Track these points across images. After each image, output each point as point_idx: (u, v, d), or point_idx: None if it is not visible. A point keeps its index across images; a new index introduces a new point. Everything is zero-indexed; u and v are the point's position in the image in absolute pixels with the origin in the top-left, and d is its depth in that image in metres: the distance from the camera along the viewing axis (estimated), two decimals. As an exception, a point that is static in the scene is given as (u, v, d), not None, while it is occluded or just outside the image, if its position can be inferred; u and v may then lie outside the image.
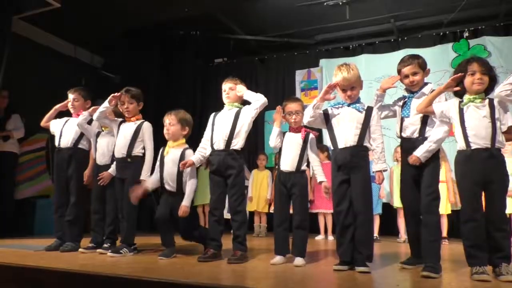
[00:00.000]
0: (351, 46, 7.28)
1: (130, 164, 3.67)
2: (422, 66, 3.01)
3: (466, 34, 6.49)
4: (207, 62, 8.03)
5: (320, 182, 3.30)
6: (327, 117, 3.07)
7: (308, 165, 3.42)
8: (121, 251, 3.47)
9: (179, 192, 3.48)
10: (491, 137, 2.57)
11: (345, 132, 2.95)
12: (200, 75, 7.96)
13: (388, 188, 5.69)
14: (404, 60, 3.04)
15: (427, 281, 2.47)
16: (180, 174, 3.49)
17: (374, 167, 2.96)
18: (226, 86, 3.52)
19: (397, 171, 4.84)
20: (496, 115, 2.60)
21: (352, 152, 2.91)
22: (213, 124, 3.51)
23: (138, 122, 3.80)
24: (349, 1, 6.16)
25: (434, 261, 2.63)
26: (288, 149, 3.31)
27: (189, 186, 3.47)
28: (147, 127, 3.78)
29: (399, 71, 3.07)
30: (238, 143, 3.37)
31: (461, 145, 2.66)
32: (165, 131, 3.62)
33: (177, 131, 3.58)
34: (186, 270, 2.79)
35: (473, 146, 2.59)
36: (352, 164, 2.89)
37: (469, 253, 2.53)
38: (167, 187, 3.53)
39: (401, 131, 3.03)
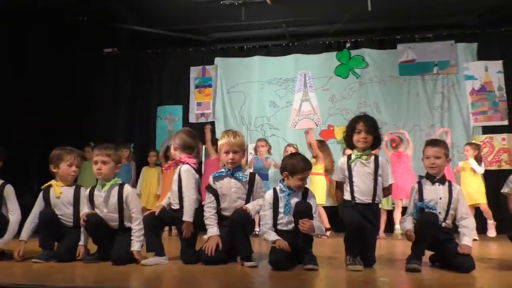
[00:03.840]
0: (245, 47, 7.43)
1: None
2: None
3: (348, 45, 7.09)
4: (95, 51, 7.51)
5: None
6: (214, 192, 3.10)
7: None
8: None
9: (76, 226, 3.21)
10: (373, 193, 2.87)
11: (231, 203, 3.07)
12: (86, 64, 7.36)
13: None
14: (306, 163, 2.99)
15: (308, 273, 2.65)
16: (77, 211, 3.21)
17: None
18: (97, 157, 3.11)
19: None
20: (379, 172, 2.92)
21: None
22: (91, 203, 3.14)
23: None
24: (245, 3, 6.28)
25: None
26: None
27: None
28: (9, 190, 3.32)
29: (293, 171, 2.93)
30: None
31: (347, 197, 2.94)
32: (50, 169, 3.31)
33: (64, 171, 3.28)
34: (67, 273, 2.62)
35: (357, 201, 2.88)
36: None
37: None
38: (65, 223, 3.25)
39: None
